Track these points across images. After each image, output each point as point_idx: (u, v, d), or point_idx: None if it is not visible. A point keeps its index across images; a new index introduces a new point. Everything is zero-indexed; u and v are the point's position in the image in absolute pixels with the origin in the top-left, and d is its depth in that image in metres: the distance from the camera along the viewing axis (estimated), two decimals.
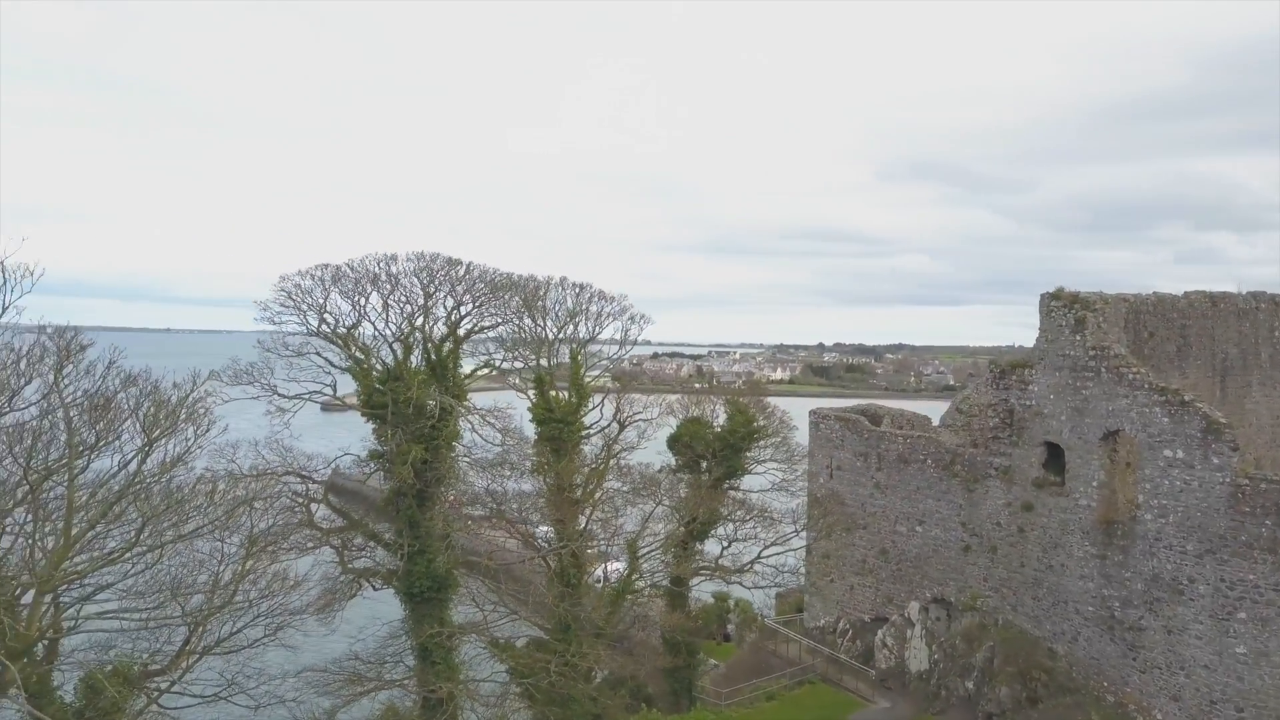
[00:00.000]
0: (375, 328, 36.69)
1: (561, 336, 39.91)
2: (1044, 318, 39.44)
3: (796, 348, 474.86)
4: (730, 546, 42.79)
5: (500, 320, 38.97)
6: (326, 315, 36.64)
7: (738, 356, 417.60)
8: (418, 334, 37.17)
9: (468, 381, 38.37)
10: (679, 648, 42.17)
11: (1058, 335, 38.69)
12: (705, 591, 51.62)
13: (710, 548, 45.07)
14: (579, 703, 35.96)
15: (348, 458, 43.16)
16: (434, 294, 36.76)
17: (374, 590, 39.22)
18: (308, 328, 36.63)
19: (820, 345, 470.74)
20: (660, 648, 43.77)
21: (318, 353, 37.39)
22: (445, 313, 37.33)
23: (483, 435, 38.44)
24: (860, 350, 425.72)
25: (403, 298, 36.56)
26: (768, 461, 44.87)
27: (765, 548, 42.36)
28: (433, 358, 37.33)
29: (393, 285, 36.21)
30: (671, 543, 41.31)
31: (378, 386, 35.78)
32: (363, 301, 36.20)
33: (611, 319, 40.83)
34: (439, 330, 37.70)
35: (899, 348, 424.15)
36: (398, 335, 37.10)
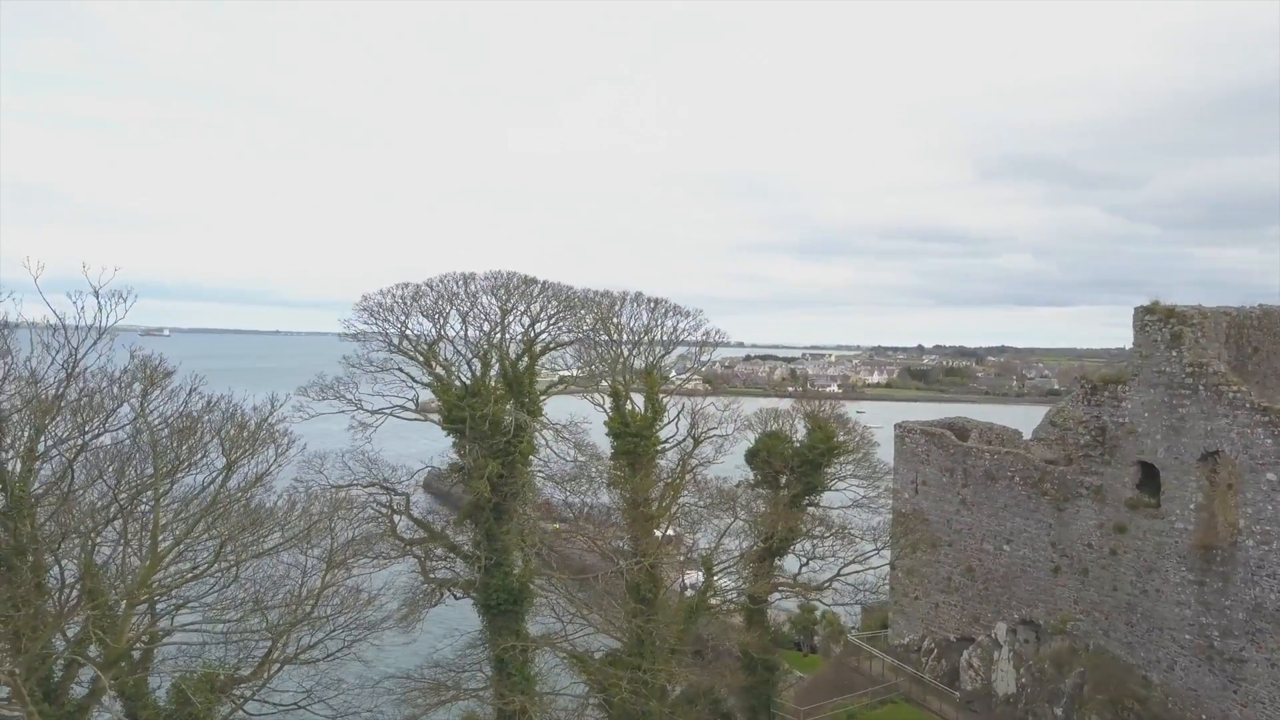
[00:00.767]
0: (454, 346, 37.47)
1: (636, 352, 40.02)
2: (1138, 332, 37.84)
3: (894, 350, 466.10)
4: (808, 564, 42.21)
5: (575, 337, 39.35)
6: (407, 332, 37.61)
7: (833, 359, 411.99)
8: (494, 351, 37.82)
9: (543, 398, 38.84)
10: (755, 665, 41.82)
11: (1153, 351, 37.07)
12: (785, 606, 51.03)
13: (789, 563, 44.60)
14: (653, 719, 36.02)
15: (428, 470, 44.30)
16: (510, 311, 37.38)
17: (454, 599, 40.05)
18: (390, 344, 37.64)
19: (919, 347, 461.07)
20: (737, 662, 43.49)
21: (400, 368, 38.38)
22: (521, 330, 37.93)
23: (556, 450, 38.84)
24: (960, 353, 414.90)
25: (480, 315, 37.30)
26: (849, 478, 44.06)
27: (844, 565, 41.68)
28: (509, 374, 37.93)
29: (470, 303, 36.99)
30: (748, 559, 41.01)
31: (456, 402, 36.53)
32: (442, 320, 37.05)
33: (687, 333, 40.73)
34: (515, 347, 38.30)
35: (1001, 350, 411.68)
36: (475, 352, 37.85)
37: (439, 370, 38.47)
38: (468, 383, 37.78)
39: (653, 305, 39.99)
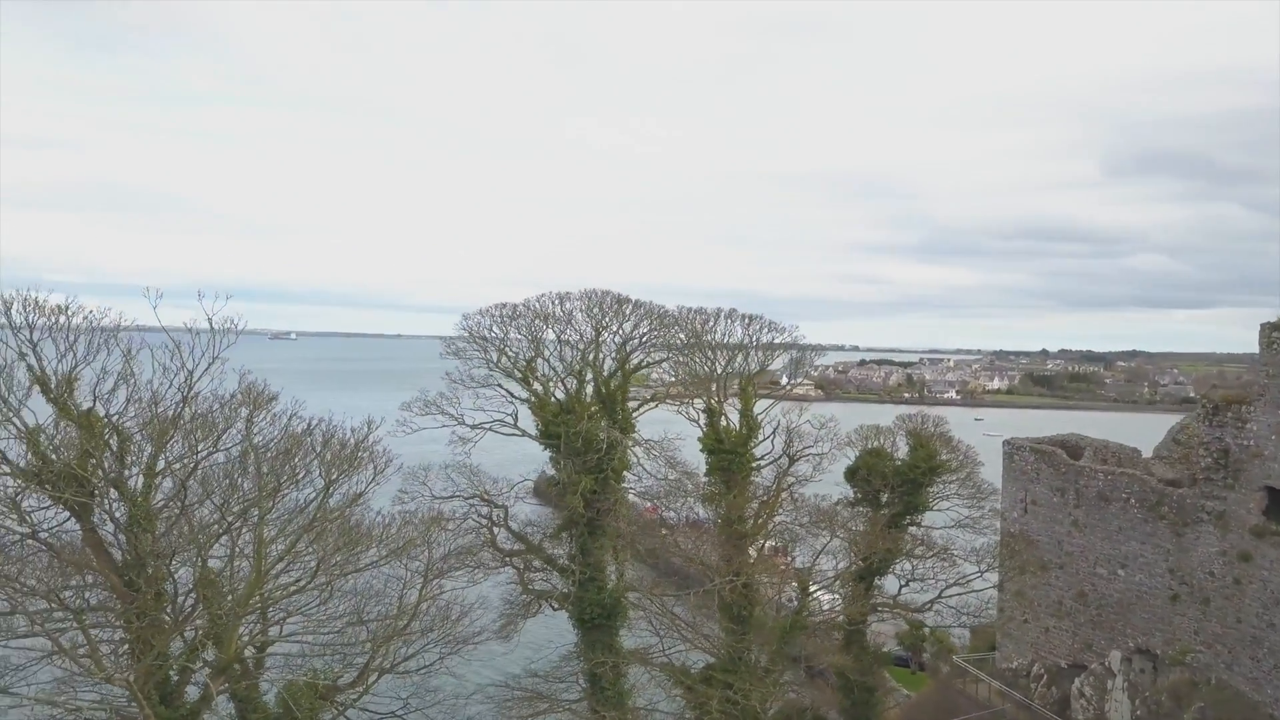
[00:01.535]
0: (549, 364, 38.23)
1: (729, 370, 39.97)
2: (1264, 349, 35.68)
3: (1017, 354, 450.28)
4: (908, 584, 41.27)
5: (667, 355, 39.58)
6: (506, 350, 38.56)
7: (952, 364, 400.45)
8: (589, 368, 38.40)
9: (635, 415, 39.22)
10: (852, 688, 41.14)
11: None
12: (886, 626, 49.84)
13: (889, 583, 43.70)
14: None
15: (537, 475, 45.26)
16: (604, 329, 37.90)
17: (552, 610, 40.79)
18: (489, 362, 38.66)
19: (1043, 352, 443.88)
20: (836, 682, 42.88)
21: (499, 385, 39.37)
22: (614, 348, 38.40)
23: (648, 468, 39.14)
24: (1087, 358, 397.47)
25: (575, 334, 37.96)
26: (952, 498, 42.90)
27: (946, 587, 40.59)
28: (603, 391, 38.44)
29: (565, 322, 37.68)
30: (846, 579, 40.37)
31: (552, 419, 37.25)
32: (537, 339, 37.86)
33: (783, 350, 40.41)
34: (608, 365, 38.78)
35: (1132, 355, 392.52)
36: (570, 369, 38.53)
37: (536, 387, 39.31)
38: (563, 399, 38.48)
39: (747, 321, 39.89)
